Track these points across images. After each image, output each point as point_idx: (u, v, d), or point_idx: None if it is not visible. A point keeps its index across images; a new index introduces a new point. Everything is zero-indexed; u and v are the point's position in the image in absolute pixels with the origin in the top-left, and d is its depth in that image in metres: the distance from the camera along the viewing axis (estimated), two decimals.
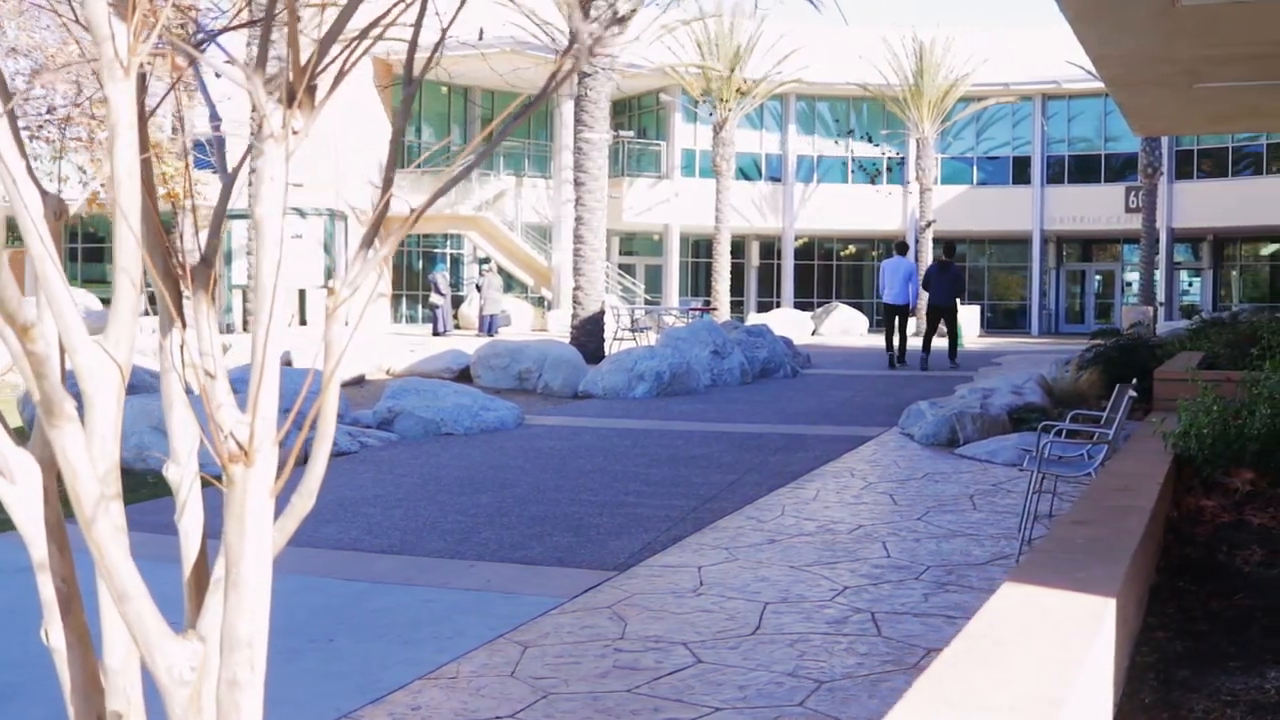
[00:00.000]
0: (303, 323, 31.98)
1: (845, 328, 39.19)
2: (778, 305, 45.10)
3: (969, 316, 34.17)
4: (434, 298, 35.95)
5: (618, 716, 4.66)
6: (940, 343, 23.80)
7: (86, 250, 37.69)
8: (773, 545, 7.70)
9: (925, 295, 24.16)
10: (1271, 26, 12.99)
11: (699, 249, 46.40)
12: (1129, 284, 45.41)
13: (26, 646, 2.61)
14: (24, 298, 1.79)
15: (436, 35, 2.03)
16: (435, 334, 34.20)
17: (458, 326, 37.61)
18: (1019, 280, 47.33)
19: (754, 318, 39.48)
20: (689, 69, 40.31)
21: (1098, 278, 47.90)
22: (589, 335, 23.43)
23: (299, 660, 5.30)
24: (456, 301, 38.81)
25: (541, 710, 4.72)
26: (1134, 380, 8.91)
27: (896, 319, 23.52)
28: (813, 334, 37.81)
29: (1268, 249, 43.51)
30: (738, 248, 44.67)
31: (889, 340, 23.71)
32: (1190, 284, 45.91)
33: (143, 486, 8.98)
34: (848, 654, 5.39)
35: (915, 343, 24.48)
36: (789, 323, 36.28)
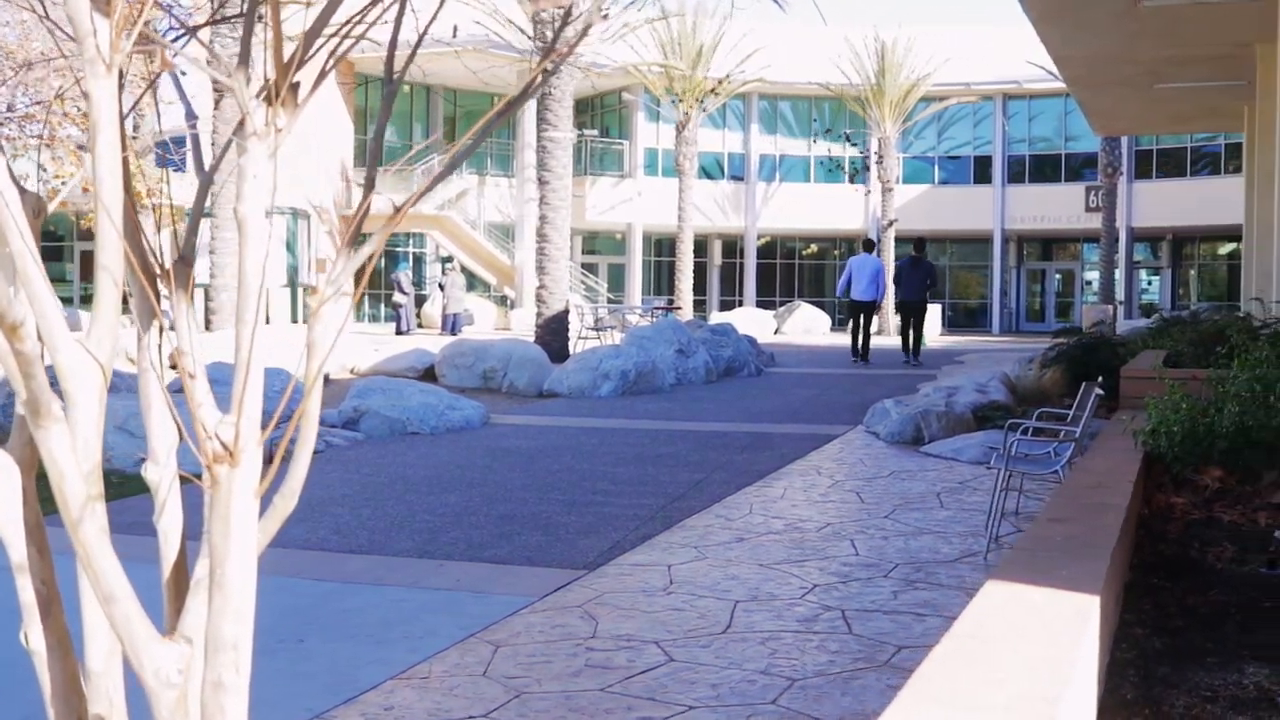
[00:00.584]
0: (266, 321, 31.77)
1: (808, 327, 39.24)
2: (740, 304, 45.17)
3: (930, 315, 34.30)
4: (397, 297, 35.83)
5: (591, 715, 4.64)
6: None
7: (45, 249, 37.22)
8: (742, 543, 7.70)
9: (894, 292, 24.27)
10: (1232, 27, 13.14)
11: (662, 248, 46.47)
12: (1089, 283, 45.78)
13: (9, 648, 2.57)
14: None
15: (410, 34, 2.01)
16: (398, 333, 34.08)
17: (421, 325, 37.49)
18: (980, 279, 47.61)
19: (716, 317, 39.51)
20: (652, 68, 40.34)
21: (1058, 277, 48.25)
22: (554, 334, 23.38)
23: (271, 661, 5.25)
24: (419, 300, 38.69)
25: (515, 710, 4.70)
26: (1099, 378, 8.95)
27: (862, 316, 23.60)
28: (775, 333, 37.85)
29: (1225, 248, 43.90)
30: (700, 247, 44.75)
31: (854, 337, 23.78)
32: (1149, 283, 46.30)
33: (108, 487, 8.88)
34: (819, 651, 5.39)
35: (878, 341, 24.52)
36: (752, 322, 36.30)
